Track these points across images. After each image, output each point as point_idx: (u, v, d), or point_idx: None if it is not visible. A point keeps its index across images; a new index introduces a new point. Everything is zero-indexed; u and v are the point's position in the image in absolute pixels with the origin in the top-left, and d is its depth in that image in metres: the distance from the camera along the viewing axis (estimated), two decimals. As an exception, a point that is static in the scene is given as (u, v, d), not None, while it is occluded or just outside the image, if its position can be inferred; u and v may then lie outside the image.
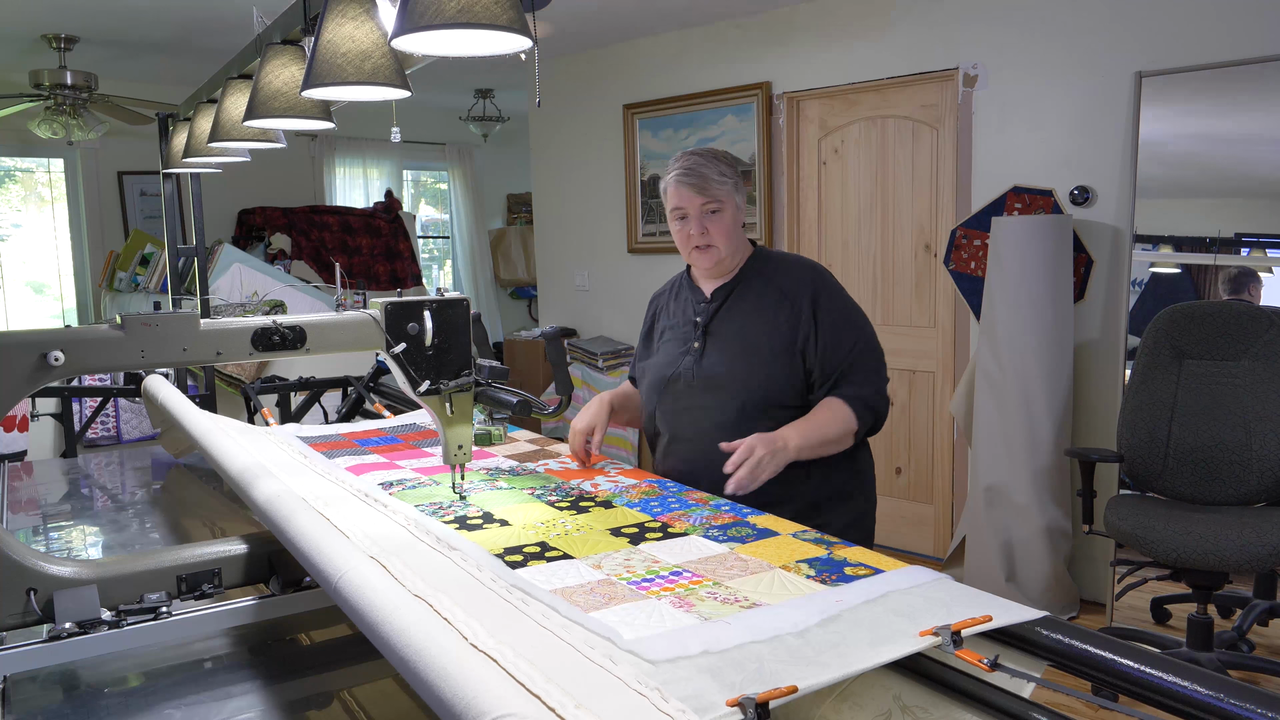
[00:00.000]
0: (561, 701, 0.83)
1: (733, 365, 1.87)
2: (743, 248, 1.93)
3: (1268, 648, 3.03)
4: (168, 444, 2.50)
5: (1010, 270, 3.45)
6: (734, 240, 1.88)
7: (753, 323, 1.88)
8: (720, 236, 1.86)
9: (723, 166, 1.85)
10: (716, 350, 1.90)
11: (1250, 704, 0.85)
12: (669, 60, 4.93)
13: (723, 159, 1.87)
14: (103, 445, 4.42)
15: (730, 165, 1.87)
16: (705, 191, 1.83)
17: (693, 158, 1.86)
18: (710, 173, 1.83)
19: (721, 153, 1.90)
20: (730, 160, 1.89)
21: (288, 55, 1.80)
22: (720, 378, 1.87)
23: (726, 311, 1.92)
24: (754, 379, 1.85)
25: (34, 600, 1.27)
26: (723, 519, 1.48)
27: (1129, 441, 3.09)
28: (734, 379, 1.86)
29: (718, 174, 1.83)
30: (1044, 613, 1.06)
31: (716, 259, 1.88)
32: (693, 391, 1.91)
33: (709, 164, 1.84)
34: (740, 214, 1.89)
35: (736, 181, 1.87)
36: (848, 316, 1.88)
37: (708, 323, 1.92)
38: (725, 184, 1.84)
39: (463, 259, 7.77)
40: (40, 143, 5.39)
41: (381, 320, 1.44)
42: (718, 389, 1.87)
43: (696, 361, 1.91)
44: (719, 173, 1.84)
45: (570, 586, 1.17)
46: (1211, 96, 3.30)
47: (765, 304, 1.88)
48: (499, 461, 1.89)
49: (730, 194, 1.85)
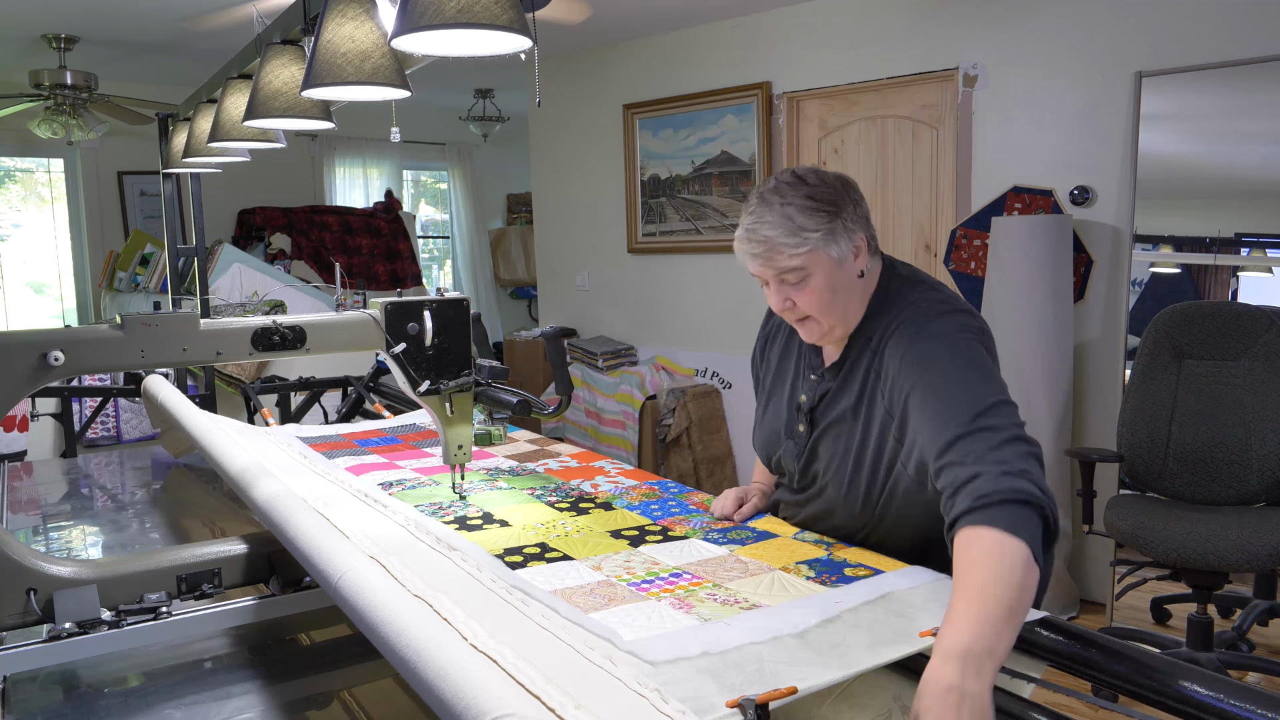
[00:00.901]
0: (561, 702, 0.83)
1: (836, 474, 1.40)
2: (859, 305, 1.39)
3: (1268, 648, 3.03)
4: (168, 444, 2.50)
5: (1010, 270, 3.45)
6: (837, 307, 1.36)
7: (853, 415, 1.38)
8: (812, 308, 1.36)
9: (801, 215, 1.32)
10: (824, 447, 1.42)
11: (1250, 704, 0.85)
12: (669, 60, 4.93)
13: (807, 195, 1.33)
14: (103, 445, 4.42)
15: (820, 202, 1.33)
16: (773, 261, 1.34)
17: (756, 209, 1.35)
18: (778, 233, 1.32)
19: (812, 177, 1.36)
20: (823, 193, 1.34)
21: (288, 55, 1.80)
22: (826, 489, 1.43)
23: (834, 399, 1.42)
24: (854, 495, 1.37)
25: (34, 600, 1.27)
26: (723, 522, 1.48)
27: (1129, 441, 3.09)
28: (835, 489, 1.40)
29: (790, 232, 1.31)
30: (1044, 613, 1.06)
31: (820, 332, 1.40)
32: (800, 488, 1.49)
33: (778, 217, 1.32)
34: (849, 264, 1.35)
35: (831, 226, 1.32)
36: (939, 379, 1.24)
37: (812, 408, 1.44)
38: (805, 243, 1.31)
39: (463, 259, 7.77)
40: (40, 143, 5.38)
41: (381, 320, 1.44)
42: (825, 498, 1.43)
43: (799, 455, 1.46)
44: (793, 230, 1.31)
45: (570, 587, 1.17)
46: (1211, 96, 3.30)
47: (865, 386, 1.37)
48: (499, 462, 1.89)
49: (818, 251, 1.32)
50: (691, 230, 4.93)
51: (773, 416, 1.54)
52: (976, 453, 1.12)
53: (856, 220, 1.35)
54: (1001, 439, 1.13)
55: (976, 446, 1.13)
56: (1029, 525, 1.04)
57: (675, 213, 4.99)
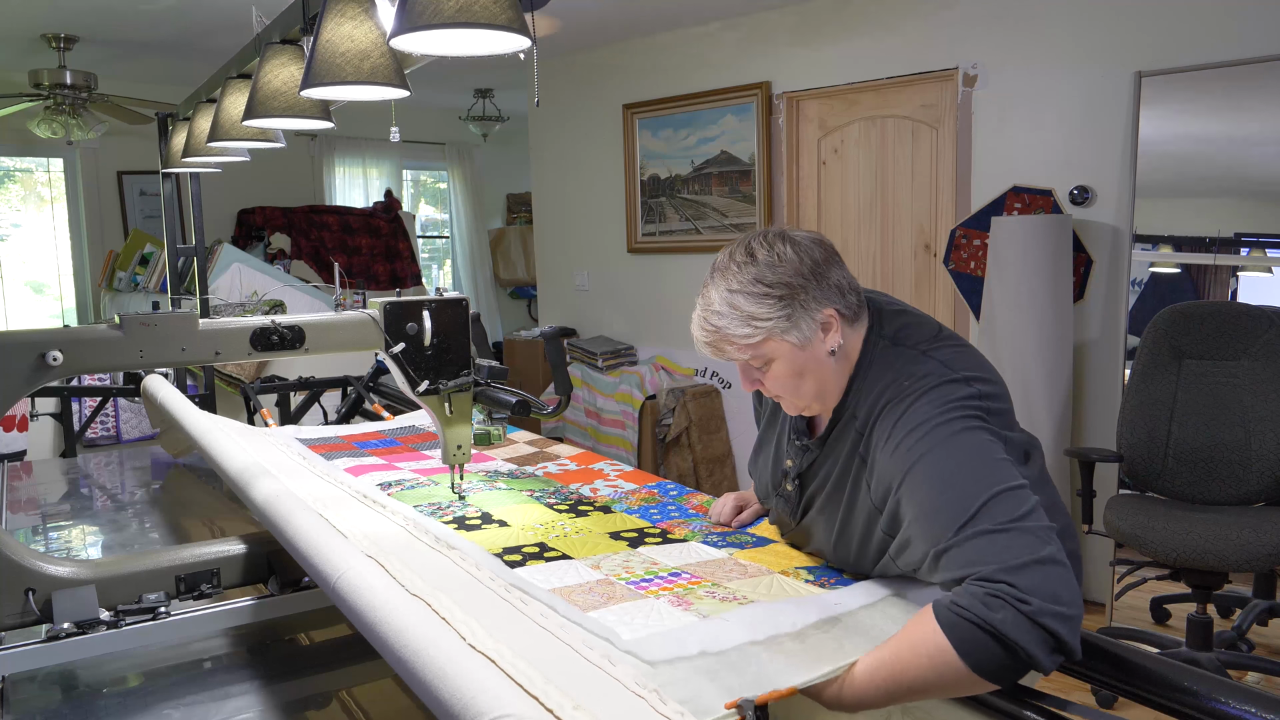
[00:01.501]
0: (560, 702, 0.82)
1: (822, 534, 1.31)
2: (835, 381, 1.25)
3: (1267, 648, 3.03)
4: (167, 444, 2.50)
5: (1010, 270, 3.45)
6: (806, 389, 1.24)
7: (837, 491, 1.27)
8: (780, 390, 1.26)
9: (750, 303, 1.19)
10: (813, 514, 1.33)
11: (1250, 704, 0.85)
12: (669, 60, 4.93)
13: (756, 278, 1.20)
14: (102, 445, 4.42)
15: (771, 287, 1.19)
16: (725, 354, 1.24)
17: (707, 291, 1.25)
18: (727, 325, 1.21)
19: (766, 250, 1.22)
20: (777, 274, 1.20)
21: (287, 55, 1.80)
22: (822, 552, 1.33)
23: (819, 468, 1.31)
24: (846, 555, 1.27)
25: (33, 600, 1.27)
26: (723, 526, 1.48)
27: (1129, 441, 3.09)
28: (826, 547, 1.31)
29: (738, 320, 1.20)
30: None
31: (796, 409, 1.30)
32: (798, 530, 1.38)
33: (725, 311, 1.21)
34: (814, 345, 1.21)
35: (789, 311, 1.19)
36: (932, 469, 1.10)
37: (800, 474, 1.34)
38: (758, 333, 1.20)
39: (462, 259, 7.77)
40: (40, 143, 5.38)
41: (381, 320, 1.44)
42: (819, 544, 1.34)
43: (792, 511, 1.36)
44: (743, 319, 1.20)
45: (569, 586, 1.17)
46: (1211, 96, 3.30)
47: (849, 462, 1.25)
48: (498, 464, 1.89)
49: (773, 340, 1.20)
50: (691, 230, 4.93)
51: (763, 466, 1.46)
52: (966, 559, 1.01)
53: (822, 296, 1.21)
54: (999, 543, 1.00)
55: (967, 554, 1.01)
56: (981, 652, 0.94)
57: (675, 213, 4.99)
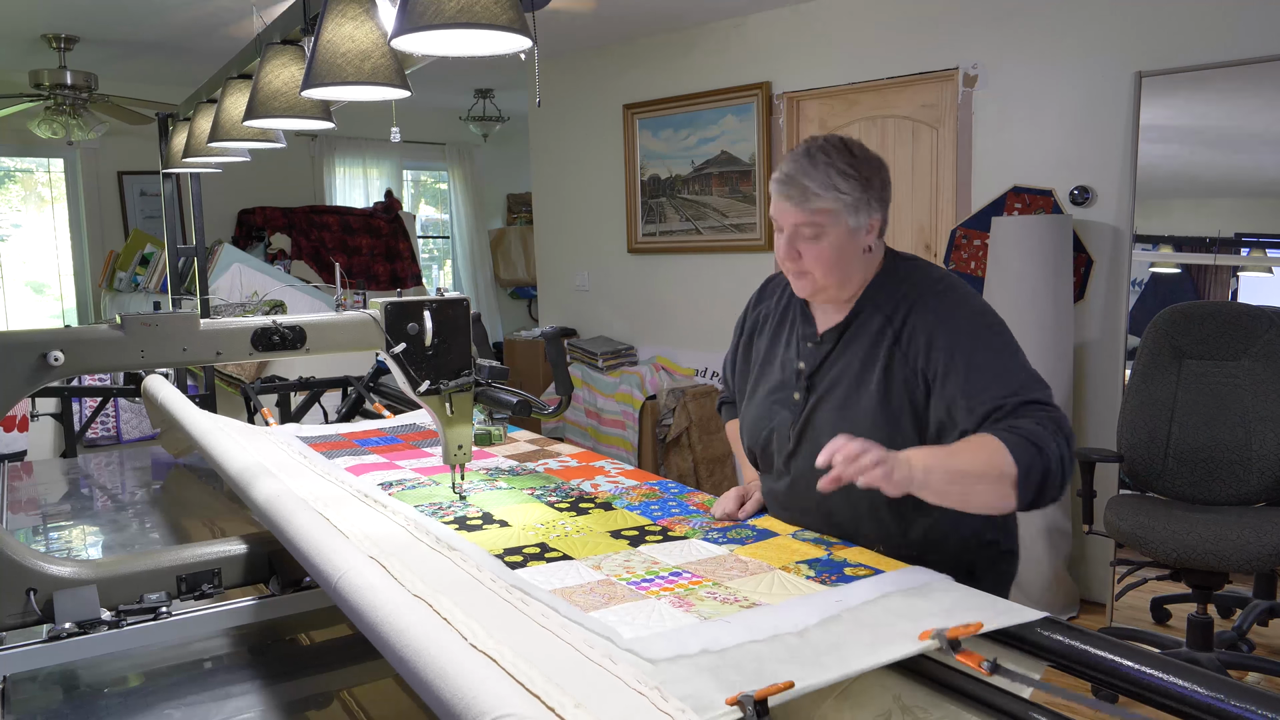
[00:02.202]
0: (561, 701, 0.83)
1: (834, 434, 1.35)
2: (859, 275, 1.47)
3: (1268, 648, 3.03)
4: (168, 444, 2.50)
5: (1010, 270, 3.45)
6: (838, 270, 1.43)
7: (859, 379, 1.43)
8: (815, 264, 1.43)
9: (839, 176, 1.40)
10: (822, 413, 1.46)
11: (1250, 704, 0.85)
12: (669, 60, 4.93)
13: (849, 162, 1.41)
14: (103, 445, 4.42)
15: (858, 173, 1.41)
16: (804, 206, 1.41)
17: (799, 160, 1.42)
18: (814, 183, 1.40)
19: (858, 149, 1.44)
20: (863, 166, 1.42)
21: (288, 55, 1.80)
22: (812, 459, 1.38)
23: (835, 361, 1.47)
24: None
25: (34, 600, 1.27)
26: (723, 522, 1.48)
27: (1129, 441, 3.09)
28: None
29: (825, 185, 1.39)
30: (1044, 613, 1.06)
31: (813, 288, 1.46)
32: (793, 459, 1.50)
33: (819, 169, 1.40)
34: (860, 236, 1.43)
35: (861, 196, 1.41)
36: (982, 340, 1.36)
37: (812, 373, 1.49)
38: (838, 200, 1.40)
39: (463, 259, 7.77)
40: (40, 143, 5.38)
41: (381, 320, 1.44)
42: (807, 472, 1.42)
43: (795, 420, 1.50)
44: (827, 184, 1.39)
45: (570, 586, 1.17)
46: (1211, 96, 3.30)
47: (876, 346, 1.43)
48: (499, 461, 1.89)
49: (842, 213, 1.40)
50: (691, 230, 4.93)
51: (764, 396, 1.57)
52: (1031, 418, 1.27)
53: (879, 201, 1.44)
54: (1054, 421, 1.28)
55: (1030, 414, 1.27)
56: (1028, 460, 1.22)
57: (675, 213, 4.99)
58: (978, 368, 1.34)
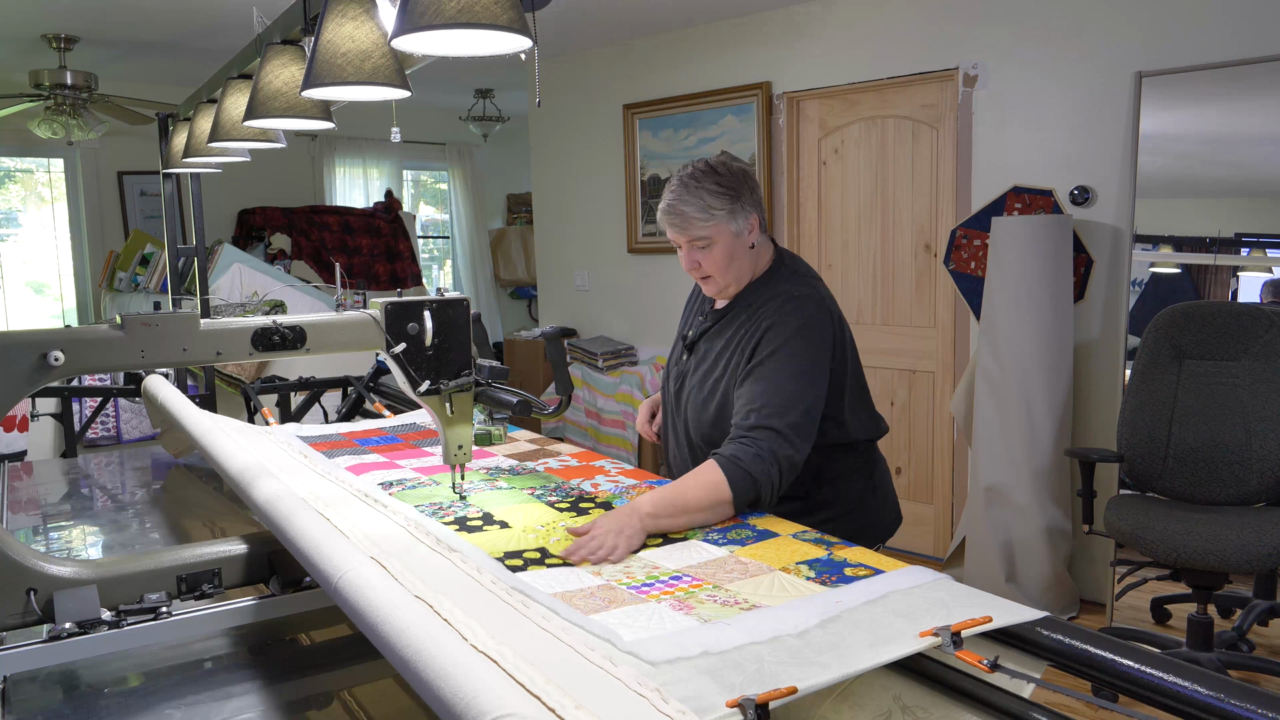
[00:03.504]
0: (561, 702, 0.83)
1: (695, 395, 1.82)
2: (753, 268, 1.79)
3: (1268, 648, 3.03)
4: (168, 444, 2.50)
5: (1010, 270, 3.45)
6: (733, 270, 1.76)
7: (721, 354, 1.79)
8: (713, 268, 1.75)
9: (710, 197, 1.70)
10: (694, 373, 1.85)
11: (1250, 704, 0.85)
12: (669, 60, 4.93)
13: (716, 181, 1.72)
14: (103, 445, 4.42)
15: (725, 188, 1.71)
16: (687, 231, 1.72)
17: (677, 190, 1.73)
18: (691, 209, 1.70)
19: (721, 168, 1.74)
20: (728, 181, 1.72)
21: (288, 55, 1.80)
22: (686, 404, 1.85)
23: (711, 336, 1.83)
24: (704, 414, 1.78)
25: (34, 600, 1.27)
26: (723, 521, 1.48)
27: (1129, 441, 3.09)
28: (693, 409, 1.82)
29: (701, 209, 1.70)
30: (1044, 613, 1.06)
31: (717, 288, 1.79)
32: (675, 409, 1.89)
33: (693, 196, 1.71)
34: (742, 239, 1.74)
35: (733, 207, 1.71)
36: (777, 361, 1.67)
37: (695, 341, 1.87)
38: (712, 219, 1.70)
39: (463, 259, 7.77)
40: (40, 143, 5.38)
41: (381, 320, 1.44)
42: (684, 415, 1.86)
43: (680, 378, 1.89)
44: (703, 207, 1.70)
45: (570, 590, 1.17)
46: (1211, 96, 3.30)
47: (738, 335, 1.77)
48: (499, 461, 1.89)
49: (722, 225, 1.71)
50: (691, 230, 4.93)
51: (675, 349, 1.96)
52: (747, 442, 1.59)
53: (752, 204, 1.75)
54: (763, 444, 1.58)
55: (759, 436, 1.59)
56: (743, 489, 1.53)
57: (675, 213, 4.99)
58: (761, 379, 1.66)
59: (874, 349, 4.30)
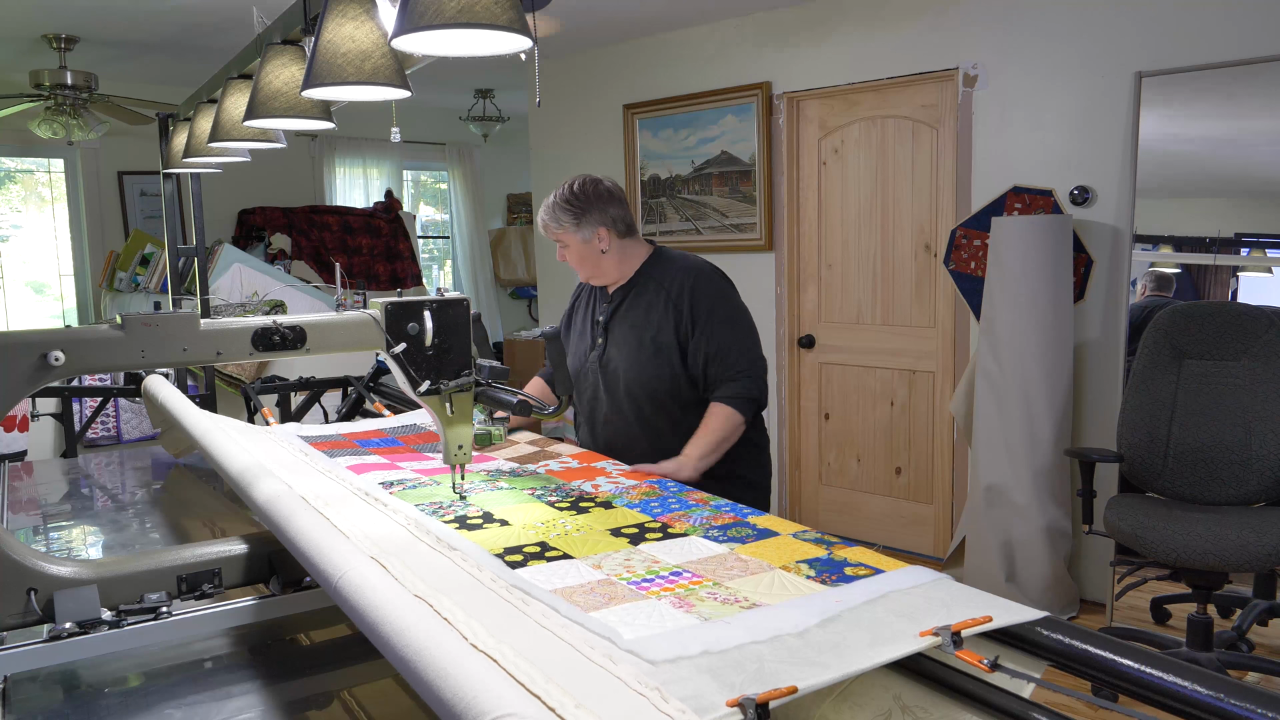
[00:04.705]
0: (561, 701, 0.83)
1: (627, 363, 2.18)
2: (611, 266, 2.21)
3: (1268, 648, 3.03)
4: (168, 444, 2.50)
5: (1010, 270, 3.45)
6: (586, 266, 2.21)
7: (642, 322, 2.18)
8: (571, 263, 2.22)
9: (560, 212, 2.16)
10: (614, 347, 2.21)
11: (1250, 704, 0.85)
12: (669, 60, 4.93)
13: (568, 201, 2.16)
14: (103, 445, 4.42)
15: (573, 206, 2.15)
16: (548, 232, 2.21)
17: (548, 204, 2.19)
18: (550, 220, 2.19)
19: (579, 190, 2.17)
20: (577, 201, 2.15)
21: (288, 55, 1.80)
22: (617, 374, 2.19)
23: (623, 312, 2.22)
24: (644, 375, 2.15)
25: (34, 600, 1.27)
26: (723, 519, 1.48)
27: (1129, 441, 3.09)
28: (628, 375, 2.17)
29: (554, 221, 2.18)
30: (1044, 613, 1.06)
31: (584, 277, 2.27)
32: (598, 385, 2.24)
33: (551, 210, 2.18)
34: (590, 244, 2.17)
35: (578, 220, 2.15)
36: (722, 315, 2.14)
37: (607, 321, 2.24)
38: (561, 227, 2.17)
39: (463, 259, 7.77)
40: (40, 143, 5.39)
41: (381, 320, 1.44)
42: (616, 384, 2.20)
43: (599, 357, 2.24)
44: (554, 219, 2.18)
45: (570, 586, 1.17)
46: (1211, 96, 3.30)
47: (654, 305, 2.17)
48: (499, 464, 1.89)
49: (570, 232, 2.16)
50: (691, 230, 4.93)
51: (576, 352, 2.31)
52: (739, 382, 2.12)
53: (601, 220, 2.17)
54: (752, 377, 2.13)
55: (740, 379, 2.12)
56: (747, 409, 2.11)
57: (675, 213, 5.00)
58: (723, 340, 2.12)
59: (874, 349, 4.30)
